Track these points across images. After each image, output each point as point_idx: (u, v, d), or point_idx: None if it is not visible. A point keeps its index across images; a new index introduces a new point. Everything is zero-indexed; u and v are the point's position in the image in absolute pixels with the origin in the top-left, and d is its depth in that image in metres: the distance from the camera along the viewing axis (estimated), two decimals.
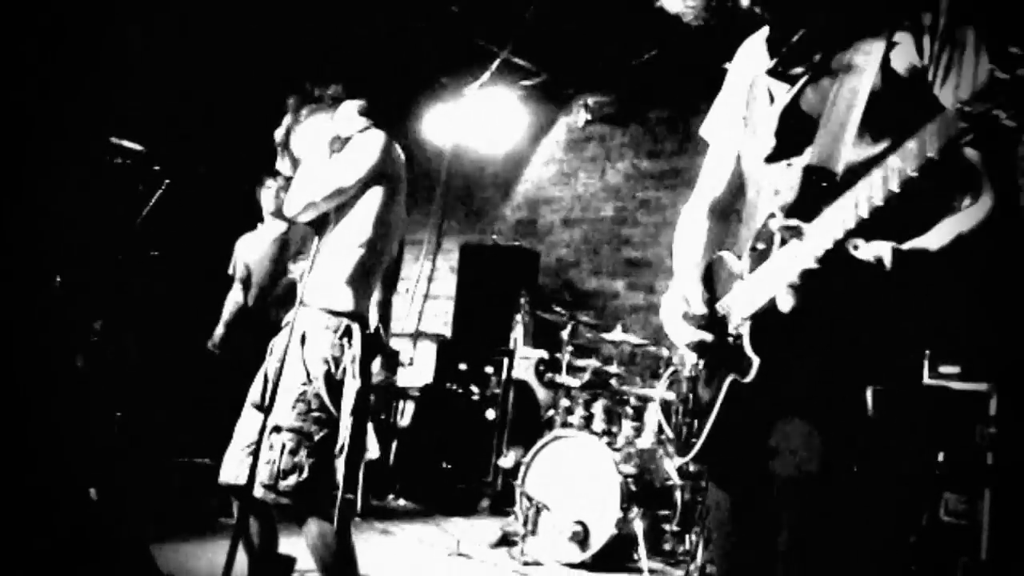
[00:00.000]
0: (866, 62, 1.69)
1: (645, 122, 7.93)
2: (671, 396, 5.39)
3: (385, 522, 6.03)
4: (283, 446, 3.03)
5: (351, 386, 3.10)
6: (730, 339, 1.82)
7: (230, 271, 5.85)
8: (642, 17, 6.60)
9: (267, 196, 5.65)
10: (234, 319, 5.77)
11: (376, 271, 3.34)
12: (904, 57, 1.67)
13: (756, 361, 1.70)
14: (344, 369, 3.13)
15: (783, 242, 1.67)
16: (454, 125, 8.70)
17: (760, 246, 1.76)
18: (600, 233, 8.12)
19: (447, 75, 8.46)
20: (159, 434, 6.00)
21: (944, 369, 4.49)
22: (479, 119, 8.51)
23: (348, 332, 3.17)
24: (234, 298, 5.80)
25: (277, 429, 3.04)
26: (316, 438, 3.06)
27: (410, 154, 3.56)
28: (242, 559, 3.28)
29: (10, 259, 6.11)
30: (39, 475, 3.44)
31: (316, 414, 3.08)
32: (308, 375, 3.09)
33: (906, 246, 1.58)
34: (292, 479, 3.02)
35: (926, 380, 4.46)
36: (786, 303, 1.59)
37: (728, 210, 2.21)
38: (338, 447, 3.07)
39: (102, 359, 5.77)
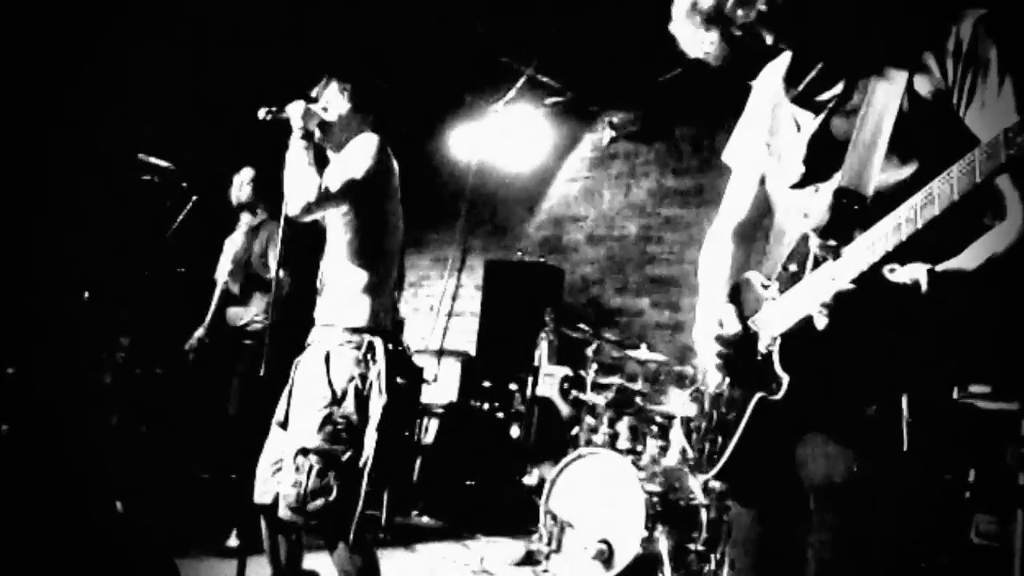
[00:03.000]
0: (891, 87, 1.71)
1: (670, 139, 7.92)
2: (691, 411, 5.36)
3: (409, 539, 6.02)
4: (310, 468, 3.02)
5: (377, 401, 3.09)
6: (759, 357, 1.83)
7: (215, 276, 5.88)
8: (667, 35, 6.61)
9: (234, 190, 5.72)
10: (214, 325, 5.78)
11: (389, 280, 3.34)
12: (928, 80, 1.68)
13: (786, 379, 1.72)
14: (371, 384, 3.11)
15: (816, 263, 1.69)
16: (479, 142, 8.74)
17: (792, 267, 1.78)
18: (625, 250, 8.11)
19: (472, 93, 8.49)
20: (183, 448, 6.02)
21: (974, 388, 4.43)
22: (504, 136, 8.53)
23: (371, 347, 3.16)
24: (214, 302, 5.83)
25: (304, 451, 3.03)
26: (343, 459, 3.05)
27: (436, 172, 3.60)
28: (257, 571, 3.29)
29: (39, 275, 6.17)
30: (66, 488, 3.47)
31: (343, 435, 3.06)
32: (334, 395, 3.07)
33: (941, 268, 1.58)
34: (320, 501, 3.01)
35: (955, 398, 4.42)
36: (821, 322, 1.61)
37: (752, 232, 2.23)
38: (361, 461, 3.06)
39: (128, 374, 5.82)
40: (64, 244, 6.48)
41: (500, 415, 7.14)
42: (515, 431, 6.90)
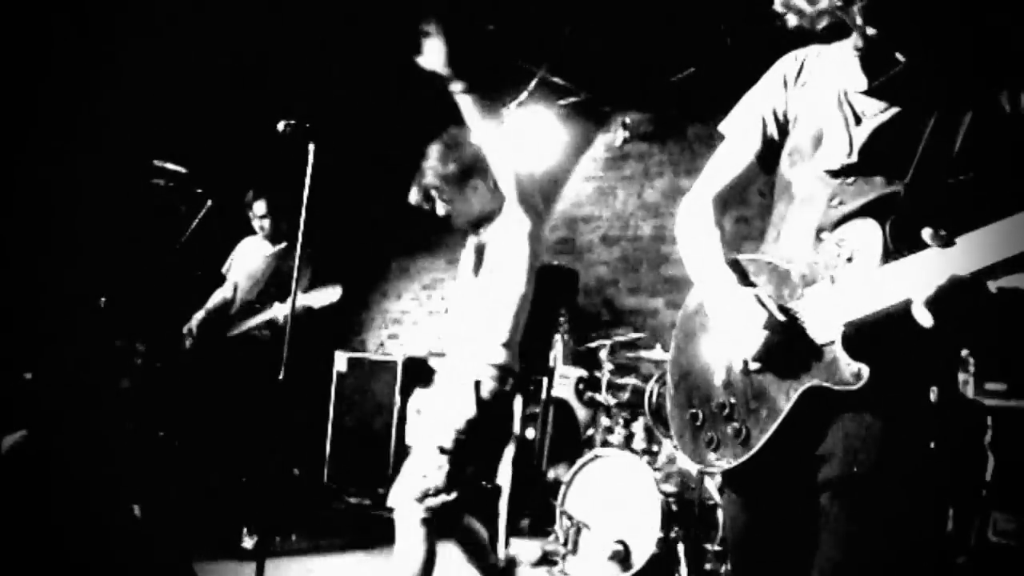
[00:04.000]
0: (965, 98, 1.76)
1: (683, 139, 7.91)
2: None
3: None
4: (440, 467, 3.32)
5: (511, 435, 3.61)
6: (810, 345, 1.82)
7: (223, 269, 5.90)
8: (680, 35, 6.61)
9: (254, 221, 5.68)
10: (217, 310, 5.79)
11: (524, 316, 3.68)
12: (1001, 100, 1.74)
13: (865, 369, 1.71)
14: (509, 409, 3.57)
15: (890, 254, 1.71)
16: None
17: (844, 254, 1.79)
18: (639, 251, 8.10)
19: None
20: (201, 453, 6.04)
21: (990, 386, 4.42)
22: (517, 137, 8.53)
23: (506, 382, 3.52)
24: (223, 293, 5.85)
25: (441, 450, 3.33)
26: (469, 469, 3.42)
27: None
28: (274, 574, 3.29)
29: (55, 281, 6.21)
30: (84, 493, 3.49)
31: (473, 446, 3.39)
32: (477, 412, 3.38)
33: None
34: (438, 499, 3.31)
35: (971, 396, 4.40)
36: (923, 311, 1.60)
37: (728, 203, 2.29)
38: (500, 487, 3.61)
39: (146, 379, 5.84)
40: (80, 249, 6.52)
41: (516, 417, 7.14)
42: (530, 433, 6.90)
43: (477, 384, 3.44)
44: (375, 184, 9.36)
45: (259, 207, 5.64)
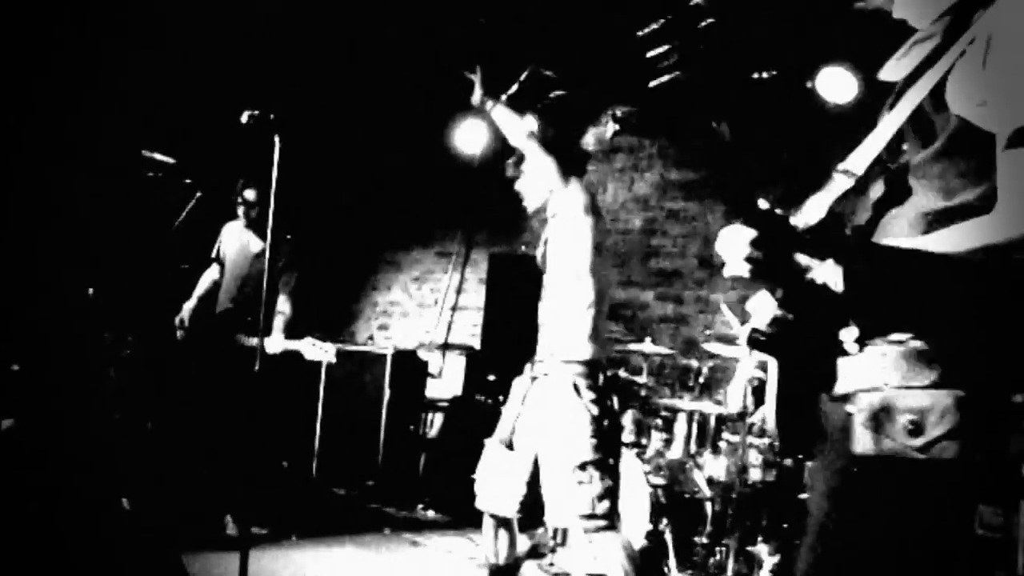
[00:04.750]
0: None
1: (673, 133, 7.90)
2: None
3: (414, 533, 6.03)
4: (591, 478, 3.48)
5: (614, 426, 3.72)
6: None
7: (213, 254, 5.88)
8: (672, 28, 6.60)
9: (242, 209, 5.66)
10: (206, 297, 5.78)
11: (601, 309, 3.76)
12: None
13: None
14: (609, 405, 3.66)
15: None
16: (483, 136, 8.72)
17: None
18: (629, 244, 8.10)
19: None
20: (189, 445, 6.03)
21: None
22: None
23: (597, 377, 3.65)
24: (211, 276, 5.82)
25: (583, 466, 3.50)
26: (612, 464, 3.58)
27: (440, 166, 3.64)
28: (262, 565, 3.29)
29: (43, 272, 6.18)
30: (73, 485, 3.48)
31: (606, 447, 3.56)
32: (593, 417, 3.54)
33: None
34: (607, 502, 3.49)
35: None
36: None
37: None
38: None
39: (134, 371, 5.82)
40: (68, 240, 6.49)
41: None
42: None
43: (575, 387, 3.58)
44: (366, 176, 9.35)
45: (250, 194, 5.62)
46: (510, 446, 3.76)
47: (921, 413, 1.69)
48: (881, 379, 1.70)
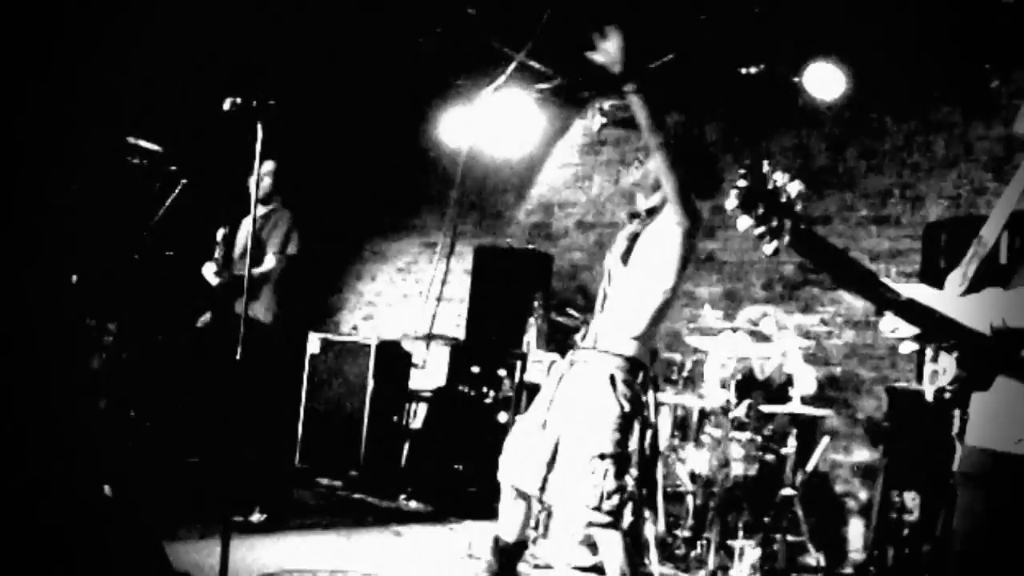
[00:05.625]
0: None
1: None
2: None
3: (396, 524, 6.04)
4: (606, 471, 3.45)
5: (644, 422, 3.62)
6: None
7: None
8: (659, 22, 6.60)
9: (253, 179, 5.66)
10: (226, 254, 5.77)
11: (665, 314, 3.75)
12: None
13: None
14: (644, 403, 3.64)
15: None
16: (469, 128, 8.70)
17: None
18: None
19: (463, 77, 8.46)
20: (172, 433, 6.02)
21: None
22: (494, 122, 8.50)
23: (637, 375, 3.62)
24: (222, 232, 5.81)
25: (602, 456, 3.47)
26: (632, 461, 3.53)
27: (426, 157, 3.62)
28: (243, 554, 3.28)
29: (26, 259, 6.15)
30: (55, 473, 3.46)
31: (630, 443, 3.53)
32: (622, 409, 3.51)
33: None
34: (615, 499, 3.46)
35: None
36: None
37: None
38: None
39: (117, 359, 5.80)
40: (51, 227, 6.46)
41: (489, 401, 7.14)
42: (503, 417, 6.91)
43: (612, 379, 3.56)
44: (351, 165, 9.32)
45: (267, 165, 5.62)
46: (543, 425, 3.73)
47: None
48: None
